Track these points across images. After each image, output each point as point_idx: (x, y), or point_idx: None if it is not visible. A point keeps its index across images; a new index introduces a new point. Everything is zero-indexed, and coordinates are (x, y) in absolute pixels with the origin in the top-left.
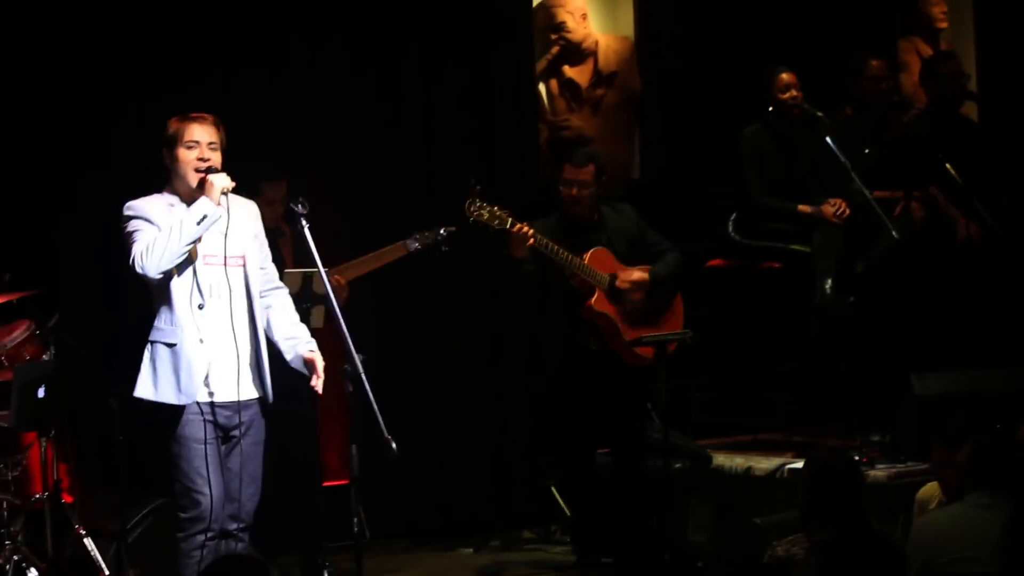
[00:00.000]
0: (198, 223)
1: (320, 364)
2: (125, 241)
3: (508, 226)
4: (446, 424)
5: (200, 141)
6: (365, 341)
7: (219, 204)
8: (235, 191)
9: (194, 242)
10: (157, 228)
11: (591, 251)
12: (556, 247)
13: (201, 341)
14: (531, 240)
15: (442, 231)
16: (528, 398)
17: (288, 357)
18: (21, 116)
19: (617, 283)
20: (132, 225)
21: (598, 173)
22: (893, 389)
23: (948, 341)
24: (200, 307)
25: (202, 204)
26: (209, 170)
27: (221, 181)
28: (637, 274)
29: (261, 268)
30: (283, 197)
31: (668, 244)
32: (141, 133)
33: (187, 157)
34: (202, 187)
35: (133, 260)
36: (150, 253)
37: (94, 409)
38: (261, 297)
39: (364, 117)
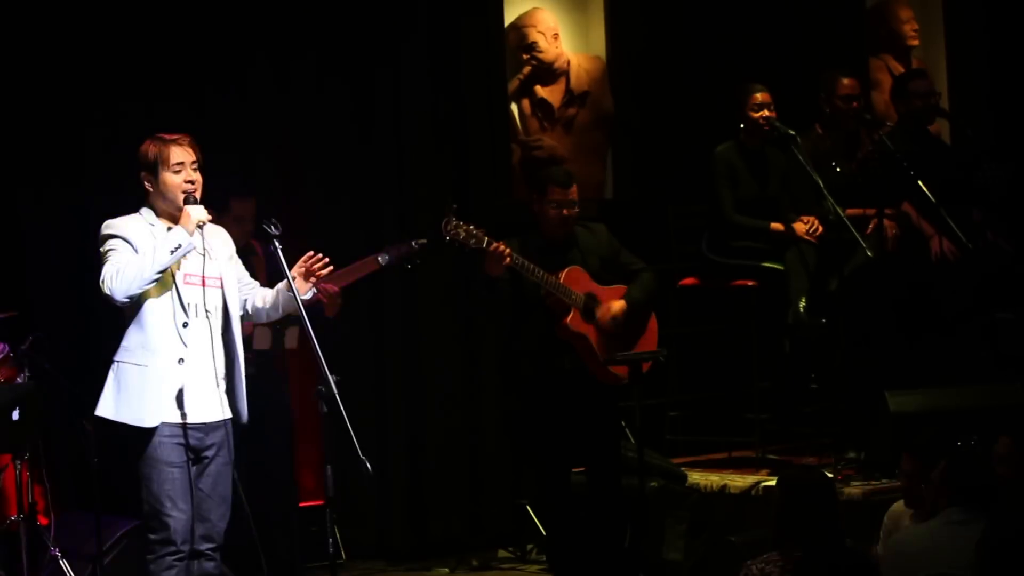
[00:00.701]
0: (172, 252)
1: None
2: (100, 259)
3: (484, 245)
4: (421, 444)
5: (184, 163)
6: (338, 361)
7: (193, 235)
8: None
9: (164, 271)
10: (134, 250)
11: (566, 270)
12: (532, 266)
13: (181, 361)
14: (507, 259)
15: (413, 243)
16: (503, 417)
17: (282, 303)
18: None
19: (598, 319)
20: (110, 244)
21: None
22: (867, 406)
23: (922, 358)
24: (185, 325)
25: (177, 234)
26: (188, 200)
27: (198, 214)
28: (617, 307)
29: (239, 282)
30: (252, 215)
31: (641, 264)
32: (112, 153)
33: (175, 180)
34: (188, 202)
35: (103, 281)
36: (120, 276)
37: (69, 431)
38: (243, 301)
39: (336, 137)
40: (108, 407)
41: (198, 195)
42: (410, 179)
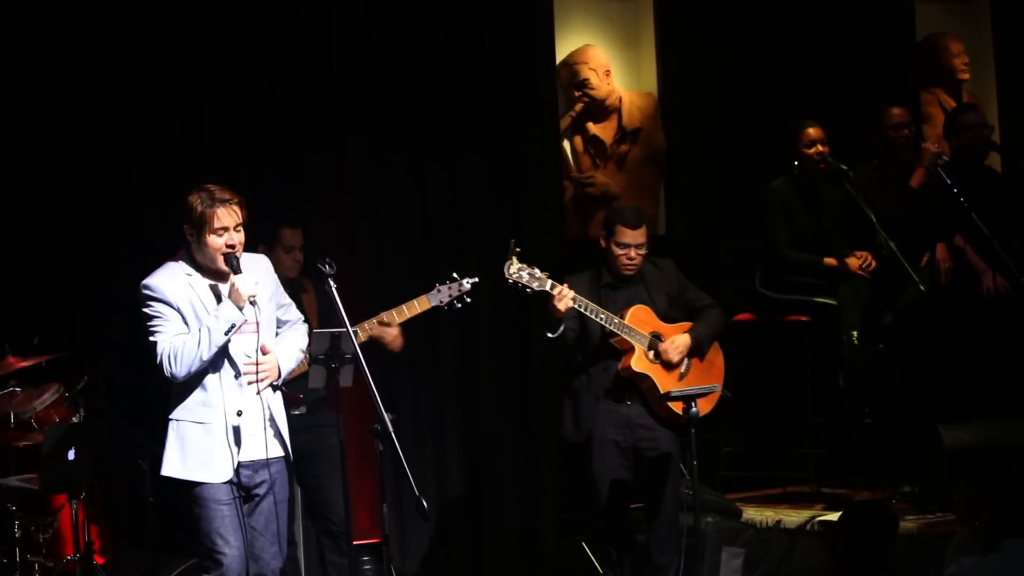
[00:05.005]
0: (226, 332)
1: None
2: (144, 320)
3: (548, 287)
4: (477, 481)
5: (228, 227)
6: (394, 399)
7: (243, 310)
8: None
9: (220, 347)
10: (177, 312)
11: (631, 309)
12: (596, 307)
13: (239, 413)
14: (571, 300)
15: (466, 282)
16: (561, 454)
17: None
18: (46, 177)
19: (662, 354)
20: (153, 309)
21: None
22: (922, 440)
23: (976, 392)
24: (237, 376)
25: (230, 313)
26: (230, 263)
27: (247, 289)
28: (681, 340)
29: (280, 319)
30: (301, 244)
31: (709, 300)
32: (164, 187)
33: (216, 243)
34: (230, 264)
35: (161, 364)
36: (179, 361)
37: (124, 471)
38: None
39: (390, 175)
40: (175, 467)
41: (239, 253)
42: (464, 218)
